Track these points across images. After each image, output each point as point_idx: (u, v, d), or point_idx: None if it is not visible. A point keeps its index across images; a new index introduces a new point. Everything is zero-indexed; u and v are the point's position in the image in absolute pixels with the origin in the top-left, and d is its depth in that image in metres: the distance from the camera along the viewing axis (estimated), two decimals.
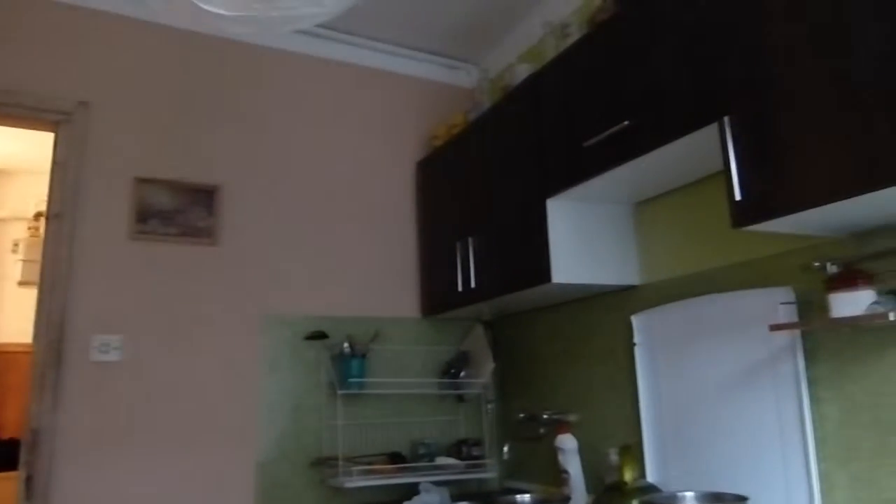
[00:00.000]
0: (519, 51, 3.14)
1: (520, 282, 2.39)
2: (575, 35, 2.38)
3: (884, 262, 1.61)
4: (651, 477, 2.20)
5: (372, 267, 3.06)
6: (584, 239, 2.28)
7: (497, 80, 3.16)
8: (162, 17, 1.62)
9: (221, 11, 1.49)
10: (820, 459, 1.74)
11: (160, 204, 2.70)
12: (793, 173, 1.46)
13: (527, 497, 2.18)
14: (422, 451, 2.88)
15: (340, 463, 2.66)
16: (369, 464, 2.72)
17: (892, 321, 1.49)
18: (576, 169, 2.12)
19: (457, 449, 2.94)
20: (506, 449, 2.62)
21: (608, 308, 2.49)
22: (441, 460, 2.83)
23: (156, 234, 2.67)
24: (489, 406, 3.12)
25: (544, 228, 2.25)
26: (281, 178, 2.95)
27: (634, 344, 2.30)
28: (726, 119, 1.60)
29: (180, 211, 2.74)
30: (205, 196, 2.78)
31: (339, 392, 2.79)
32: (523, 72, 2.56)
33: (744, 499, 1.72)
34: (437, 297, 2.97)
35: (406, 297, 3.11)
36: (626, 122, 1.89)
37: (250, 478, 2.64)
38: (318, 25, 3.00)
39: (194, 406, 2.60)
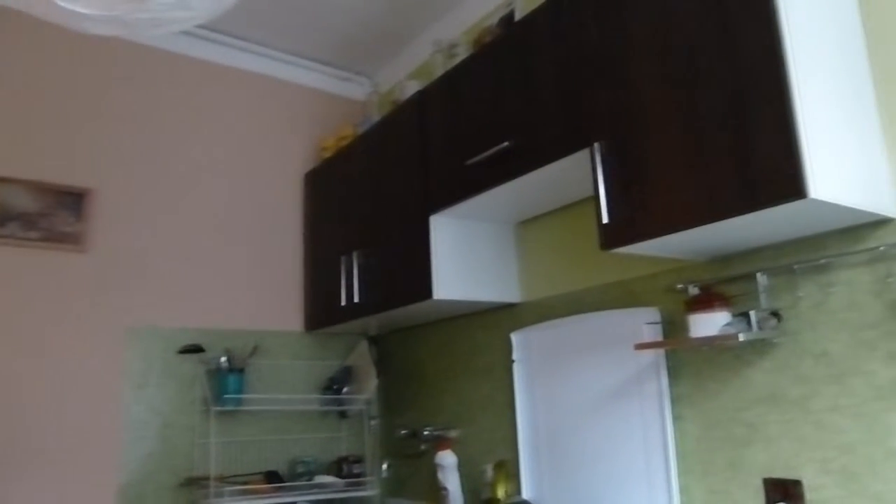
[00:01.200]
0: (410, 67, 3.15)
1: (402, 297, 2.38)
2: (462, 55, 2.41)
3: (739, 285, 1.71)
4: (526, 492, 2.23)
5: (254, 279, 2.97)
6: (466, 256, 2.30)
7: (387, 94, 3.15)
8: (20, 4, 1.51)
9: (83, 11, 1.40)
10: (680, 473, 1.82)
11: (21, 206, 2.51)
12: (653, 200, 1.53)
13: None
14: (300, 469, 2.80)
15: (212, 483, 2.54)
16: (243, 483, 2.62)
17: (741, 342, 1.59)
18: (459, 186, 2.14)
19: (337, 467, 2.88)
20: (385, 466, 2.59)
21: (489, 325, 2.52)
22: (320, 479, 2.76)
23: (14, 237, 2.48)
24: (372, 422, 3.08)
25: (427, 244, 2.26)
26: (159, 183, 2.81)
27: (513, 361, 2.33)
28: (596, 145, 1.65)
29: (44, 214, 2.56)
30: (73, 199, 2.61)
31: (213, 408, 2.67)
32: (412, 88, 2.56)
33: None
34: (321, 311, 2.91)
35: (289, 310, 3.03)
36: (506, 143, 1.93)
37: (111, 502, 2.48)
38: (207, 28, 2.90)
39: (49, 426, 2.42)
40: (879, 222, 1.47)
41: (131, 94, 2.82)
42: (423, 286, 2.26)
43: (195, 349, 2.69)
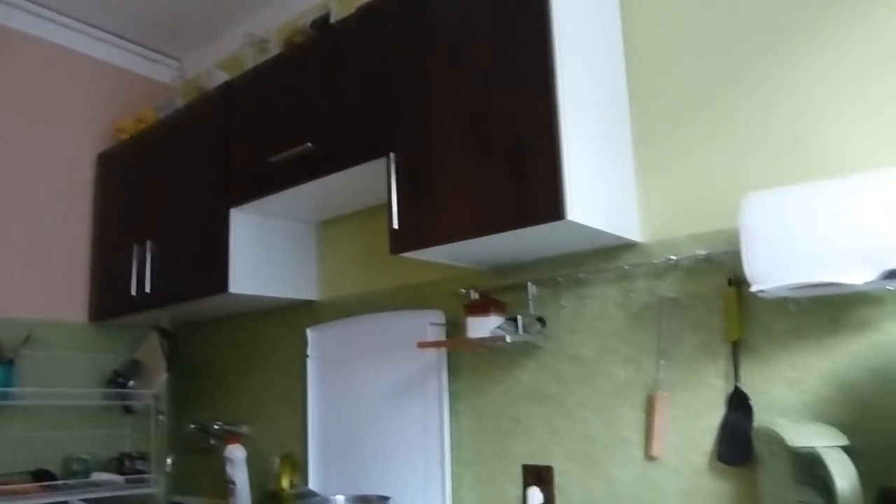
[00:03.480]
0: (220, 56, 3.08)
1: (197, 290, 2.34)
2: (273, 52, 2.42)
3: (514, 293, 1.90)
4: (313, 484, 2.29)
5: (32, 263, 2.75)
6: (265, 252, 2.32)
7: (194, 80, 3.06)
8: None
9: None
10: (453, 463, 1.98)
11: None
12: (439, 211, 1.66)
13: None
14: (76, 467, 2.64)
15: None
16: (3, 483, 2.42)
17: (511, 343, 1.77)
18: (261, 182, 2.15)
19: (118, 464, 2.75)
20: (170, 461, 2.52)
21: (286, 322, 2.55)
22: (98, 476, 2.62)
23: None
24: (160, 418, 2.97)
25: (225, 238, 2.24)
26: None
27: (308, 356, 2.38)
28: (392, 155, 1.76)
29: None
30: None
31: None
32: (220, 77, 2.52)
33: (386, 499, 1.88)
34: (109, 300, 2.77)
35: (72, 298, 2.84)
36: (308, 145, 1.98)
37: None
38: None
39: None
40: (626, 245, 1.71)
41: None
42: (218, 279, 2.24)
43: None
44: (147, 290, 2.53)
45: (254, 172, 2.18)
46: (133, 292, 2.59)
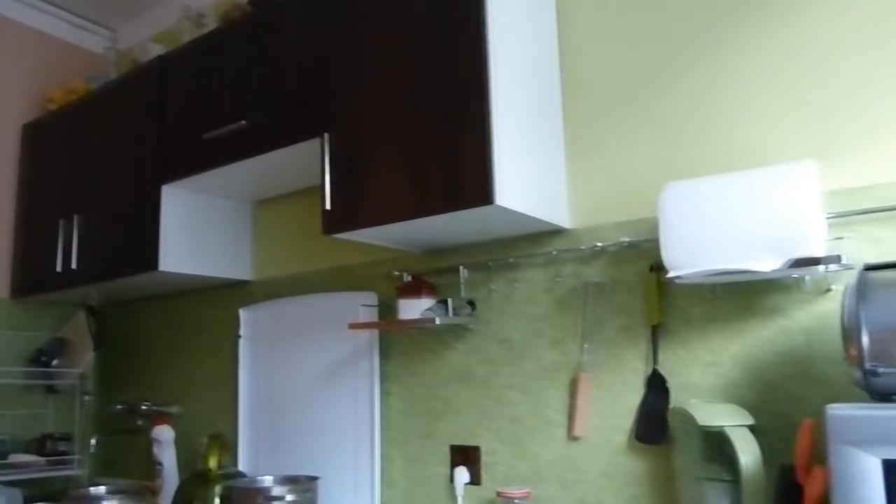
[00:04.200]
0: (156, 28, 2.99)
1: (126, 267, 2.29)
2: (210, 26, 2.37)
3: (447, 276, 1.92)
4: (243, 465, 2.28)
5: None
6: (197, 230, 2.28)
7: (127, 52, 2.97)
8: None
9: None
10: (383, 443, 2.00)
11: None
12: (371, 193, 1.67)
13: (101, 489, 2.08)
14: None
15: None
16: None
17: (442, 325, 1.79)
18: (194, 159, 2.11)
19: (40, 444, 2.68)
20: (93, 442, 2.47)
21: (219, 301, 2.52)
22: (16, 457, 2.55)
23: None
24: (86, 398, 2.90)
25: (156, 214, 2.19)
26: None
27: (239, 336, 2.36)
28: (326, 136, 1.76)
29: None
30: None
31: None
32: (155, 50, 2.45)
33: (314, 479, 1.89)
34: (33, 276, 2.68)
35: None
36: (243, 122, 1.95)
37: None
38: None
39: None
40: (555, 232, 1.76)
41: None
42: (148, 257, 2.19)
43: None
44: (73, 266, 2.46)
45: (187, 148, 2.14)
46: (59, 268, 2.51)
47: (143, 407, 2.62)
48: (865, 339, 1.03)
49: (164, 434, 2.43)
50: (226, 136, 2.01)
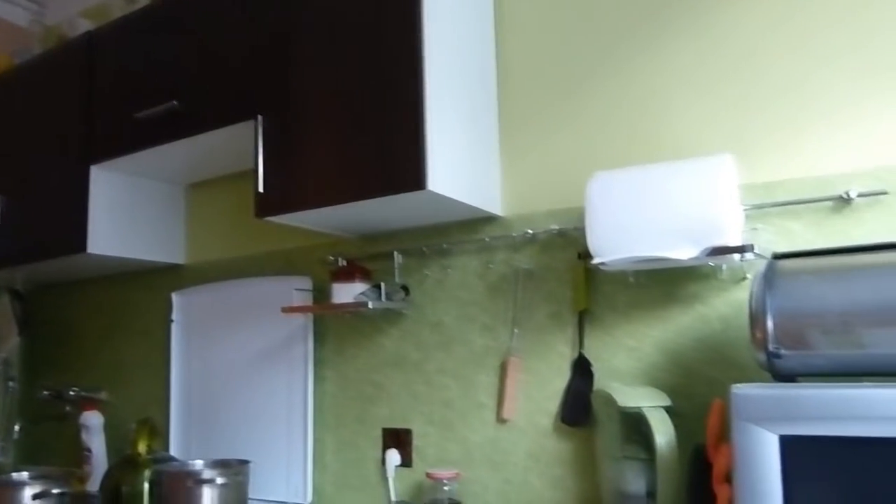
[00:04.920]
0: (85, 3, 2.89)
1: (52, 249, 2.22)
2: (142, 3, 2.31)
3: (381, 262, 1.93)
4: (175, 451, 2.25)
5: None
6: (128, 212, 2.23)
7: (55, 27, 2.87)
8: None
9: None
10: (316, 427, 2.00)
11: None
12: (305, 176, 1.67)
13: (24, 474, 2.03)
14: None
15: None
16: None
17: (375, 310, 1.81)
18: (124, 139, 2.06)
19: None
20: (17, 429, 2.40)
21: (152, 286, 2.47)
22: None
23: None
24: (11, 384, 2.81)
25: (85, 195, 2.13)
26: None
27: (172, 321, 2.33)
28: (260, 118, 1.74)
29: None
30: None
31: None
32: (84, 26, 2.38)
33: (245, 462, 1.88)
34: None
35: None
36: (174, 103, 1.91)
37: None
38: None
39: None
40: (488, 218, 1.78)
41: None
42: (76, 239, 2.13)
43: None
44: None
45: (117, 128, 2.08)
46: None
47: (71, 393, 2.56)
48: (770, 324, 1.09)
49: (93, 420, 2.38)
50: (157, 116, 1.96)
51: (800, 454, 0.99)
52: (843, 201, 1.38)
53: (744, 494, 1.01)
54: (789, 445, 0.99)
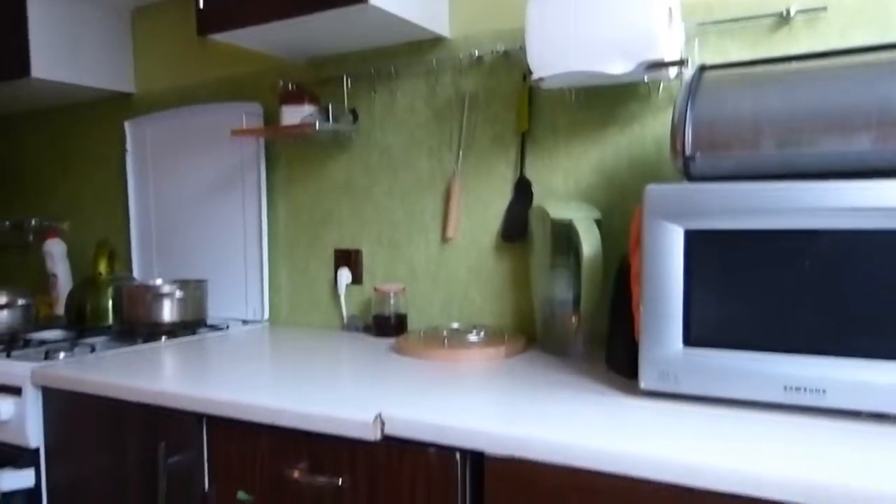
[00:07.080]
0: None
1: None
2: None
3: (331, 87, 1.93)
4: (137, 274, 2.33)
5: None
6: (72, 37, 2.15)
7: None
8: None
9: None
10: (271, 252, 2.08)
11: None
12: None
13: None
14: None
15: None
16: None
17: (321, 132, 1.82)
18: None
19: None
20: None
21: (103, 116, 2.45)
22: None
23: None
24: None
25: (23, 18, 2.05)
26: None
27: (126, 151, 2.33)
28: None
29: None
30: None
31: None
32: None
33: (202, 281, 1.97)
34: None
35: None
36: None
37: None
38: None
39: None
40: (436, 40, 1.77)
41: None
42: (19, 63, 2.08)
43: None
44: None
45: None
46: None
47: (33, 222, 2.59)
48: (689, 131, 1.14)
49: (56, 247, 2.44)
50: None
51: (702, 247, 1.07)
52: (782, 19, 1.39)
53: (651, 287, 1.10)
54: (693, 238, 1.07)
